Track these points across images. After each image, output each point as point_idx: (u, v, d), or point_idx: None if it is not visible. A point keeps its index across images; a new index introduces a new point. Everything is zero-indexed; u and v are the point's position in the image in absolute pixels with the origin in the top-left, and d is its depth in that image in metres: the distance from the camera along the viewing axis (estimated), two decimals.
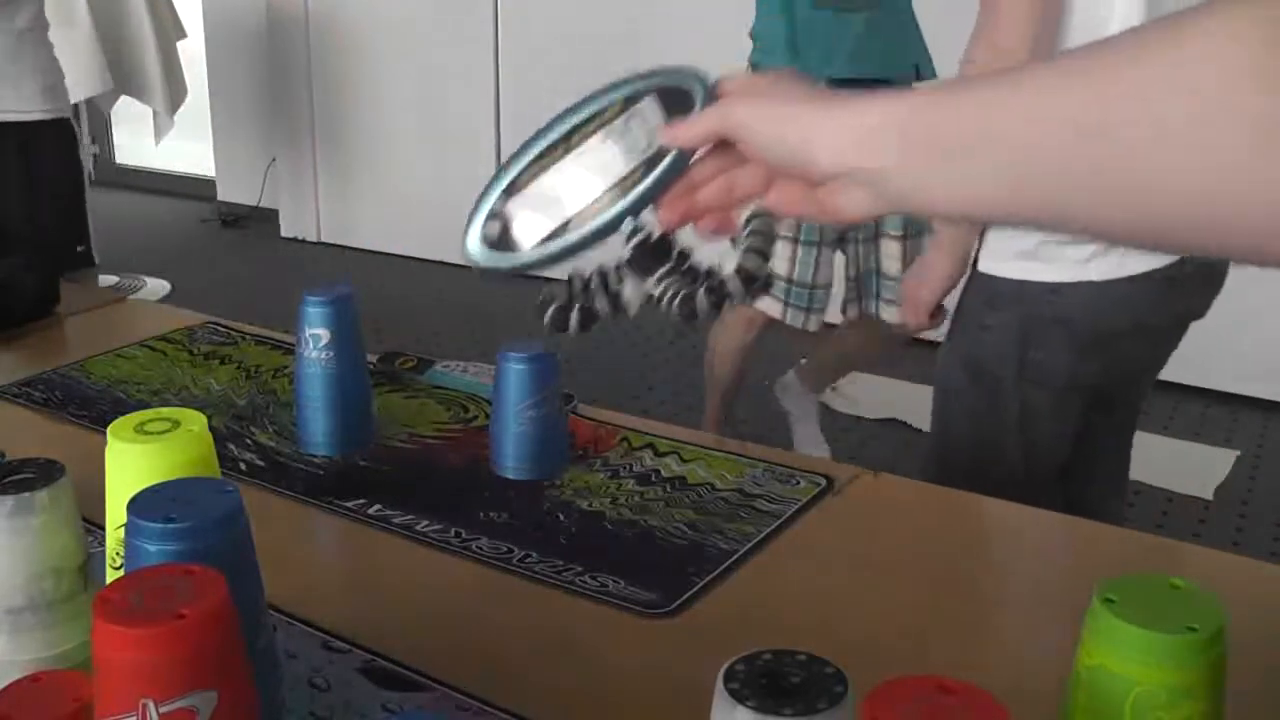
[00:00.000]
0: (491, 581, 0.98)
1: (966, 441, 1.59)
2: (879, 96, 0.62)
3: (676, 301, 0.67)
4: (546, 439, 1.14)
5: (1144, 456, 1.90)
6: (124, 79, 4.23)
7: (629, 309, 0.69)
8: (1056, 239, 1.42)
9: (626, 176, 0.66)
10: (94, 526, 0.81)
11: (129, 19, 4.16)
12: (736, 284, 0.67)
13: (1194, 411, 3.29)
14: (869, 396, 3.38)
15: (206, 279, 4.58)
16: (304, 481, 1.15)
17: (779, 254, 2.51)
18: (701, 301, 0.66)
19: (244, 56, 5.24)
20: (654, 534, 1.04)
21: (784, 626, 0.92)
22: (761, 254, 0.67)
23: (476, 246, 0.68)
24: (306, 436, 1.21)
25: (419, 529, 1.06)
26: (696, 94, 0.67)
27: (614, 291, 0.69)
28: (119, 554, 0.73)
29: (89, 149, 4.61)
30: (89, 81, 3.94)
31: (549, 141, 0.68)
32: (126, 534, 0.67)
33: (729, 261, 0.68)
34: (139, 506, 0.68)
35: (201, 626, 0.57)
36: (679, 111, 0.67)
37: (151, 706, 0.56)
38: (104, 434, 0.78)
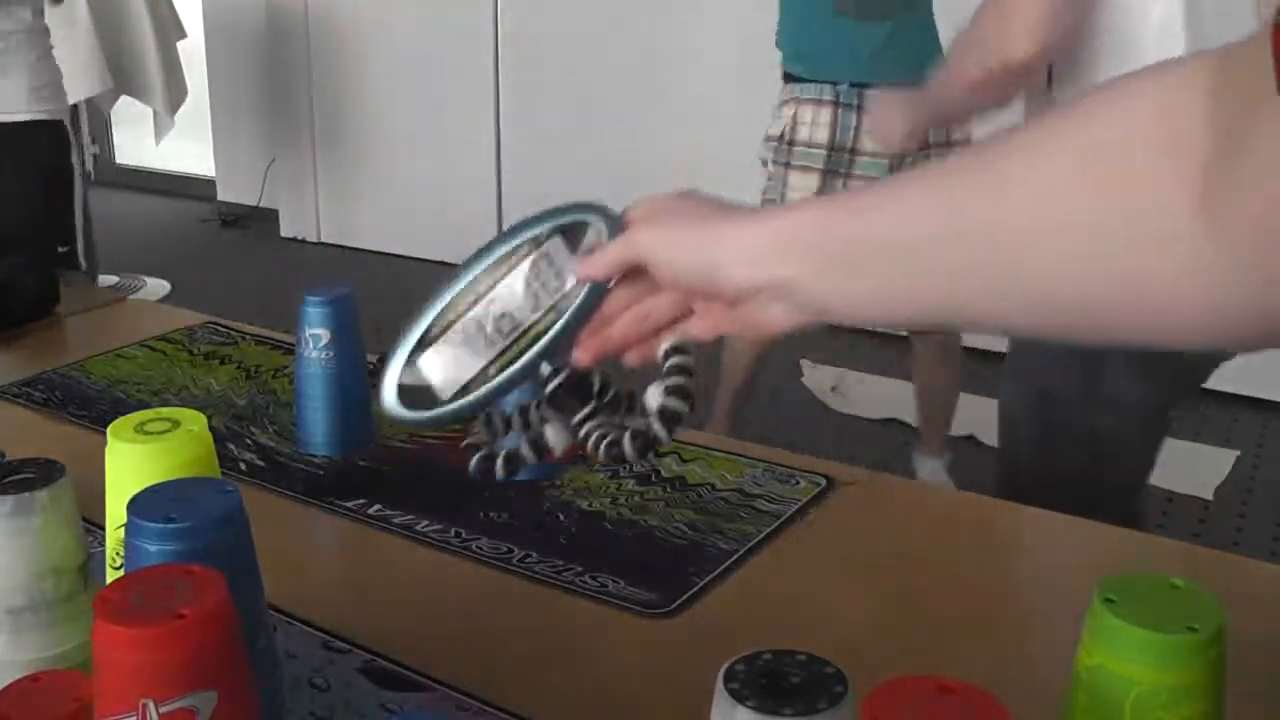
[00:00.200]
0: (491, 581, 0.98)
1: (1040, 472, 1.56)
2: (781, 210, 0.63)
3: (603, 445, 0.67)
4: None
5: None
6: (124, 79, 4.22)
7: (554, 451, 0.68)
8: None
9: (539, 319, 0.66)
10: (94, 526, 0.81)
11: (129, 19, 4.15)
12: (660, 426, 0.66)
13: (1194, 411, 3.30)
14: (869, 396, 3.38)
15: (206, 279, 4.58)
16: (304, 481, 1.15)
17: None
18: (627, 447, 0.66)
19: (244, 56, 5.24)
20: (654, 534, 1.04)
21: (784, 626, 0.92)
22: (684, 392, 0.66)
23: (392, 401, 0.67)
24: (306, 436, 1.21)
25: (419, 529, 1.06)
26: (602, 228, 0.67)
27: (536, 433, 0.69)
28: (119, 554, 0.73)
29: (89, 149, 4.61)
30: (89, 81, 3.94)
31: (458, 289, 0.68)
32: (126, 534, 0.67)
33: (651, 395, 0.67)
34: (139, 506, 0.68)
35: (201, 626, 0.57)
36: (586, 247, 0.67)
37: (151, 706, 0.56)
38: (104, 434, 0.78)
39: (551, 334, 0.66)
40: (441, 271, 0.68)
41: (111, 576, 0.76)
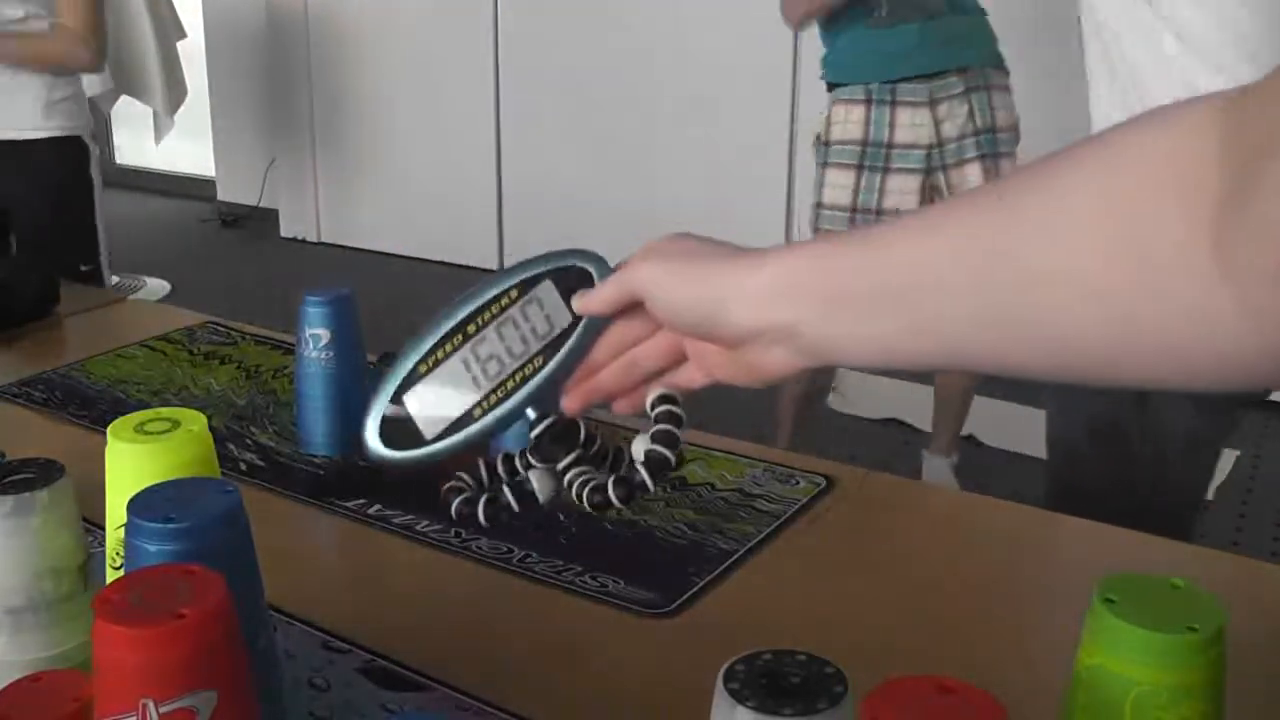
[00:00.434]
0: (491, 581, 0.98)
1: (1093, 495, 1.55)
2: (784, 250, 0.61)
3: (587, 491, 0.66)
4: None
5: None
6: (124, 79, 4.23)
7: (538, 497, 0.68)
8: None
9: (527, 362, 0.66)
10: (94, 526, 0.81)
11: (129, 19, 4.16)
12: (645, 473, 0.65)
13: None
14: (869, 396, 3.38)
15: (206, 279, 4.58)
16: (304, 481, 1.15)
17: None
18: (611, 492, 0.65)
19: (244, 56, 5.24)
20: (654, 534, 1.04)
21: (784, 626, 0.92)
22: (671, 439, 0.66)
23: (375, 441, 0.67)
24: (306, 436, 1.21)
25: (419, 529, 1.06)
26: (594, 272, 0.67)
27: (520, 480, 0.68)
28: (119, 554, 0.73)
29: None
30: (88, 81, 3.94)
31: (445, 330, 0.67)
32: (126, 534, 0.67)
33: (638, 444, 0.67)
34: (139, 506, 0.68)
35: (201, 626, 0.57)
36: (577, 292, 0.67)
37: (151, 706, 0.56)
38: (104, 434, 0.78)
39: (540, 377, 0.66)
40: (441, 271, 0.68)
41: (111, 576, 0.76)
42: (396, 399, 0.67)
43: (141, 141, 4.68)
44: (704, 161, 4.04)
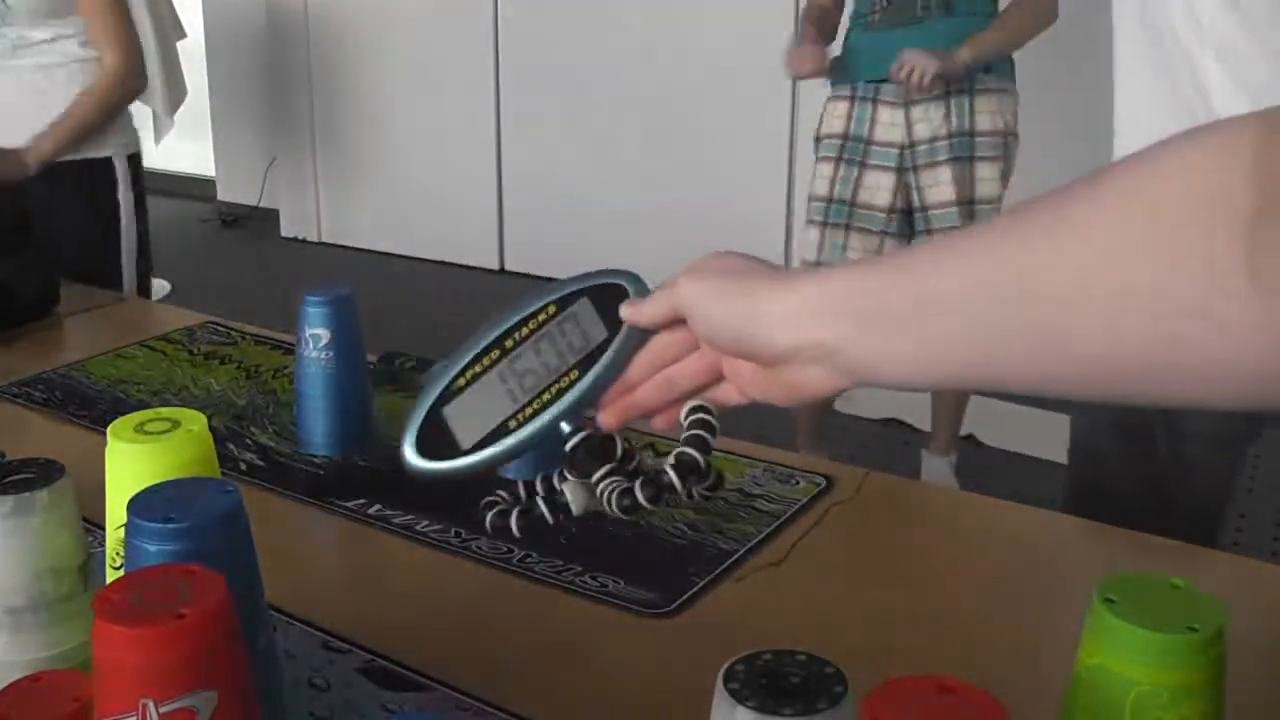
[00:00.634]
0: (491, 581, 0.98)
1: (1122, 503, 1.55)
2: (824, 271, 0.62)
3: (615, 495, 0.67)
4: None
5: None
6: None
7: (572, 509, 0.69)
8: None
9: (562, 377, 0.67)
10: (94, 526, 0.81)
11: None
12: (674, 473, 0.65)
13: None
14: (869, 396, 3.38)
15: (206, 279, 4.58)
16: (304, 481, 1.15)
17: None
18: (638, 493, 0.66)
19: (244, 56, 5.25)
20: (654, 534, 1.04)
21: (784, 626, 0.92)
22: (702, 443, 0.66)
23: (413, 452, 0.68)
24: (306, 436, 1.21)
25: (419, 529, 1.06)
26: (631, 290, 0.68)
27: (557, 492, 0.69)
28: (119, 554, 0.73)
29: None
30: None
31: (483, 346, 0.68)
32: (126, 534, 0.67)
33: (671, 456, 0.67)
34: (139, 506, 0.68)
35: (201, 626, 0.57)
36: (614, 310, 0.68)
37: (151, 706, 0.56)
38: (104, 434, 0.78)
39: (576, 391, 0.67)
40: (441, 271, 0.68)
41: (111, 576, 0.76)
42: (434, 412, 0.67)
43: (141, 141, 4.68)
44: (704, 161, 4.04)
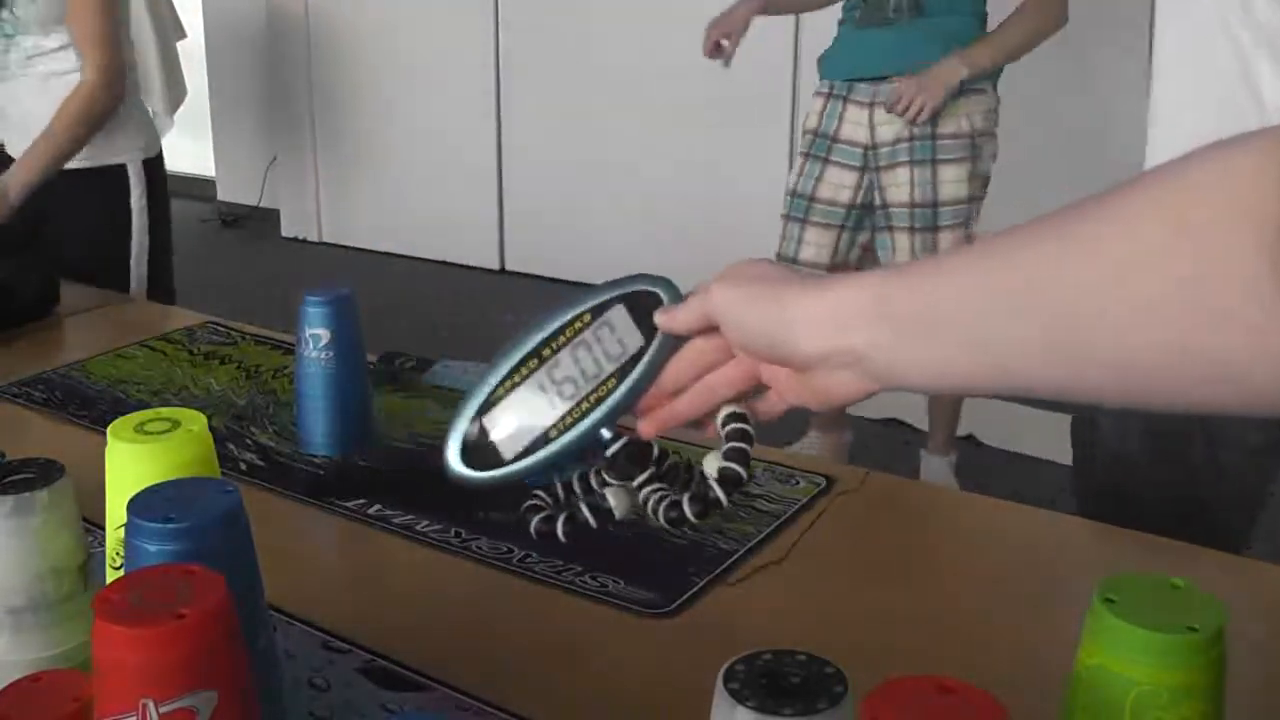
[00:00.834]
0: (491, 581, 0.98)
1: (1149, 508, 1.53)
2: (851, 277, 0.62)
3: (663, 507, 0.68)
4: None
5: None
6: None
7: (615, 513, 0.70)
8: None
9: (600, 385, 0.68)
10: (94, 526, 0.81)
11: (129, 19, 4.16)
12: (720, 489, 0.67)
13: None
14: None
15: (206, 279, 4.58)
16: (304, 481, 1.15)
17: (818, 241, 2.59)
18: (686, 509, 0.67)
19: (244, 56, 5.25)
20: (654, 534, 1.04)
21: (784, 626, 0.92)
22: (743, 456, 0.67)
23: (457, 461, 0.68)
24: (306, 436, 1.21)
25: (419, 529, 1.06)
26: (664, 296, 0.69)
27: (598, 496, 0.70)
28: (119, 554, 0.73)
29: None
30: None
31: (521, 356, 0.69)
32: (126, 534, 0.67)
33: (710, 462, 0.68)
34: (139, 506, 0.68)
35: (201, 626, 0.57)
36: (649, 317, 0.68)
37: (151, 706, 0.56)
38: (104, 434, 0.78)
39: (615, 398, 0.67)
40: (442, 271, 0.68)
41: (111, 576, 0.76)
42: (476, 421, 0.68)
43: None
44: (705, 161, 4.04)
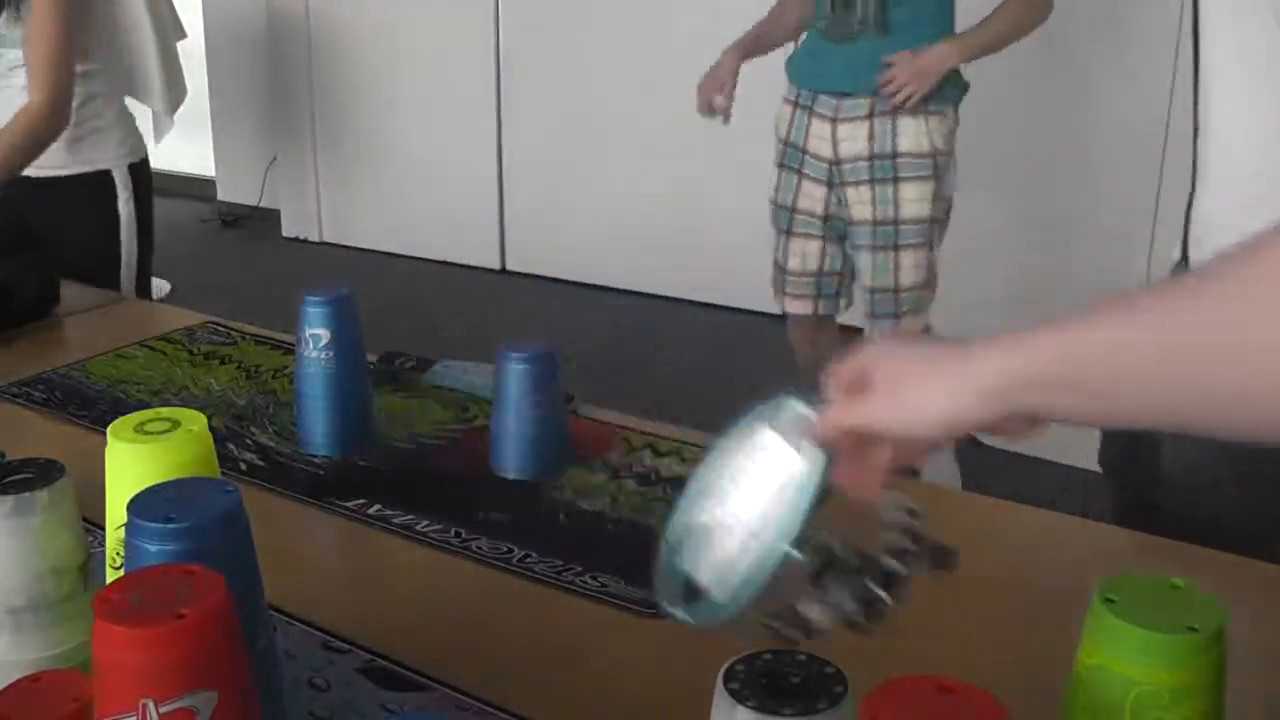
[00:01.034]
0: (491, 581, 0.98)
1: (1234, 529, 1.52)
2: (1002, 342, 0.64)
3: (859, 604, 0.68)
4: (546, 439, 1.14)
5: None
6: (124, 79, 4.22)
7: (822, 629, 0.70)
8: None
9: (777, 510, 0.68)
10: (94, 526, 0.81)
11: (129, 19, 4.15)
12: (884, 591, 0.68)
13: None
14: None
15: (206, 279, 4.58)
16: (304, 481, 1.15)
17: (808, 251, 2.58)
18: (859, 615, 0.68)
19: (244, 56, 5.24)
20: (654, 534, 1.04)
21: None
22: (905, 553, 0.69)
23: (677, 607, 0.70)
24: (306, 436, 1.21)
25: (419, 529, 1.06)
26: (808, 409, 0.70)
27: (802, 618, 0.70)
28: (119, 554, 0.73)
29: None
30: None
31: (697, 495, 0.72)
32: (126, 534, 0.67)
33: (879, 550, 0.69)
34: (139, 506, 0.68)
35: (201, 626, 0.57)
36: (800, 434, 0.70)
37: (151, 706, 0.56)
38: (104, 434, 0.78)
39: (794, 519, 0.68)
40: (442, 271, 0.68)
41: (111, 576, 0.76)
42: (670, 562, 0.71)
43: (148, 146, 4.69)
44: (706, 162, 4.03)
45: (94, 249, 2.08)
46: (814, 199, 2.53)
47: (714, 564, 0.68)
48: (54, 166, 2.02)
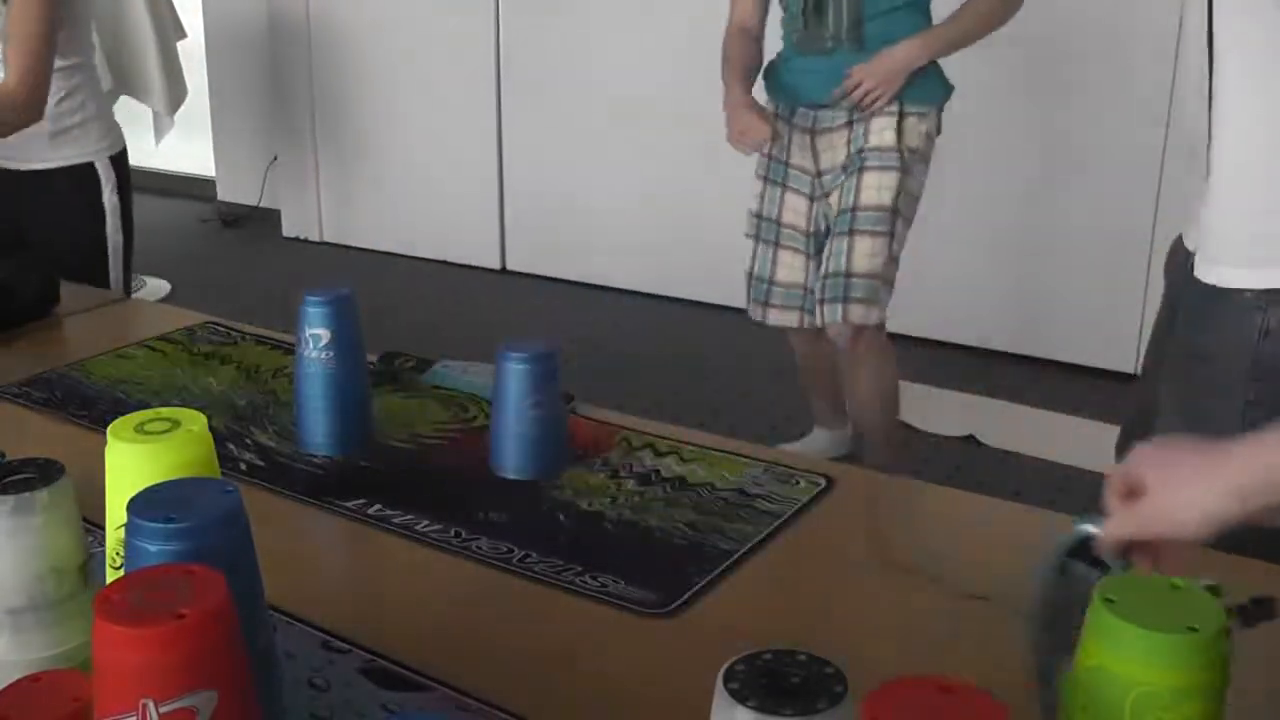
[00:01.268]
0: (491, 581, 0.98)
1: (1235, 536, 1.50)
2: (1246, 452, 0.75)
3: None
4: (546, 439, 1.14)
5: None
6: (124, 79, 4.22)
7: None
8: None
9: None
10: (94, 526, 0.81)
11: (129, 19, 4.15)
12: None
13: None
14: None
15: (206, 279, 4.58)
16: (304, 481, 1.15)
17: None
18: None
19: (244, 56, 5.24)
20: (654, 534, 1.04)
21: (784, 626, 0.92)
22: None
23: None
24: (306, 436, 1.21)
25: (419, 529, 1.06)
26: (1097, 533, 0.78)
27: None
28: (119, 554, 0.73)
29: None
30: None
31: (1038, 636, 0.79)
32: (126, 534, 0.67)
33: None
34: (139, 506, 0.68)
35: (201, 626, 0.57)
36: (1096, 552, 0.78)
37: (151, 706, 0.56)
38: (104, 434, 0.78)
39: None
40: (442, 271, 0.68)
41: (111, 576, 0.76)
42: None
43: (141, 141, 4.67)
44: (705, 161, 4.03)
45: (81, 241, 2.08)
46: (798, 213, 2.51)
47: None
48: (38, 160, 2.03)
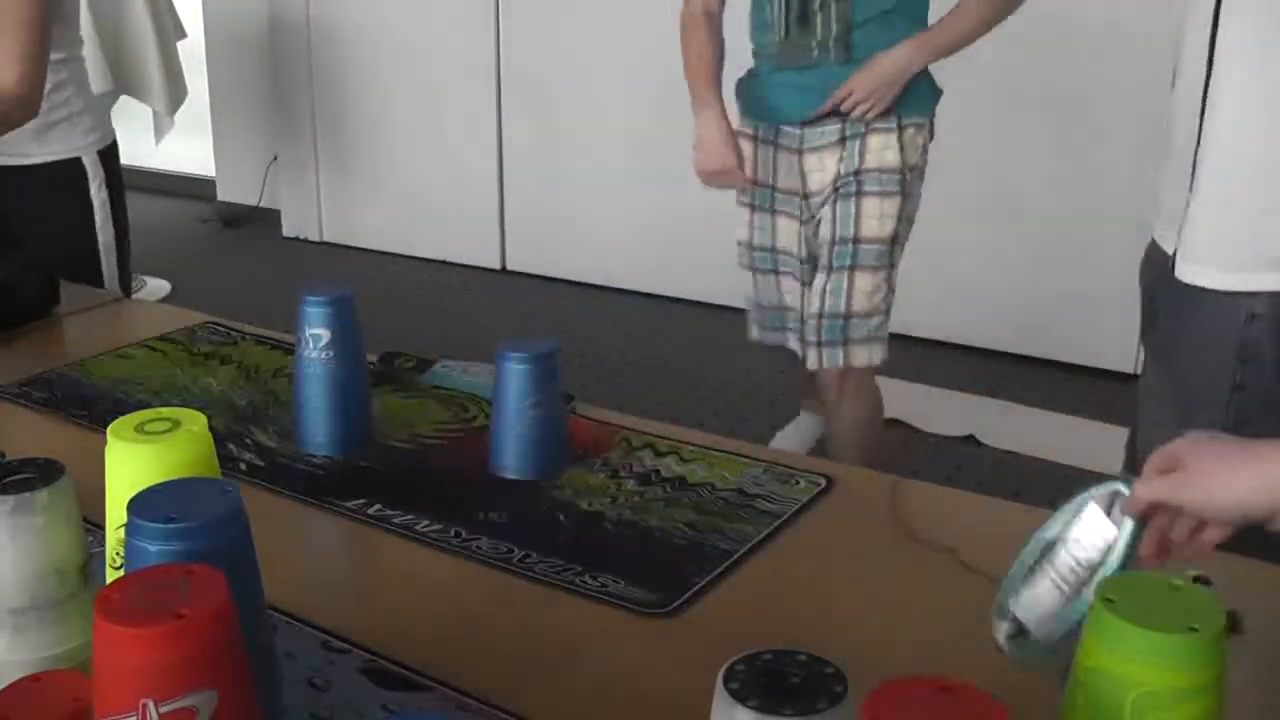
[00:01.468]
0: (491, 581, 0.98)
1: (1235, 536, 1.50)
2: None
3: None
4: (546, 439, 1.14)
5: None
6: (124, 79, 4.22)
7: None
8: None
9: (1095, 569, 0.80)
10: (94, 526, 0.81)
11: (129, 19, 4.15)
12: None
13: None
14: None
15: (206, 279, 4.58)
16: (304, 481, 1.15)
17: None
18: None
19: (244, 56, 5.24)
20: (654, 534, 1.04)
21: (784, 626, 0.92)
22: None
23: (1012, 647, 0.81)
24: (306, 436, 1.21)
25: (419, 529, 1.06)
26: (1124, 487, 0.82)
27: None
28: (119, 554, 0.73)
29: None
30: (94, 83, 3.94)
31: (1035, 554, 0.84)
32: (127, 534, 0.67)
33: None
34: (139, 506, 0.68)
35: (201, 626, 0.57)
36: (1116, 509, 0.82)
37: (151, 706, 0.56)
38: (104, 434, 0.78)
39: (1108, 573, 0.79)
40: (443, 271, 0.68)
41: (111, 576, 0.76)
42: (1004, 604, 0.83)
43: (141, 141, 4.67)
44: None
45: (72, 239, 2.07)
46: (790, 237, 2.35)
47: (1038, 611, 0.80)
48: (23, 155, 2.02)
